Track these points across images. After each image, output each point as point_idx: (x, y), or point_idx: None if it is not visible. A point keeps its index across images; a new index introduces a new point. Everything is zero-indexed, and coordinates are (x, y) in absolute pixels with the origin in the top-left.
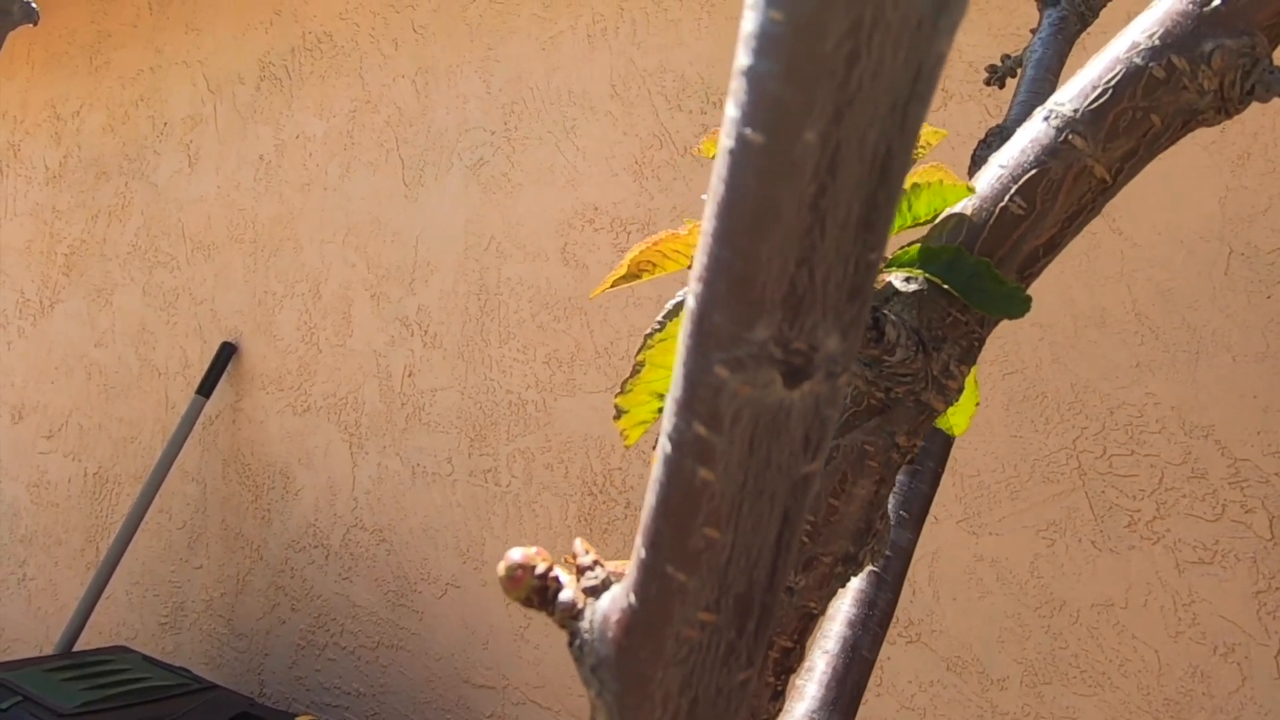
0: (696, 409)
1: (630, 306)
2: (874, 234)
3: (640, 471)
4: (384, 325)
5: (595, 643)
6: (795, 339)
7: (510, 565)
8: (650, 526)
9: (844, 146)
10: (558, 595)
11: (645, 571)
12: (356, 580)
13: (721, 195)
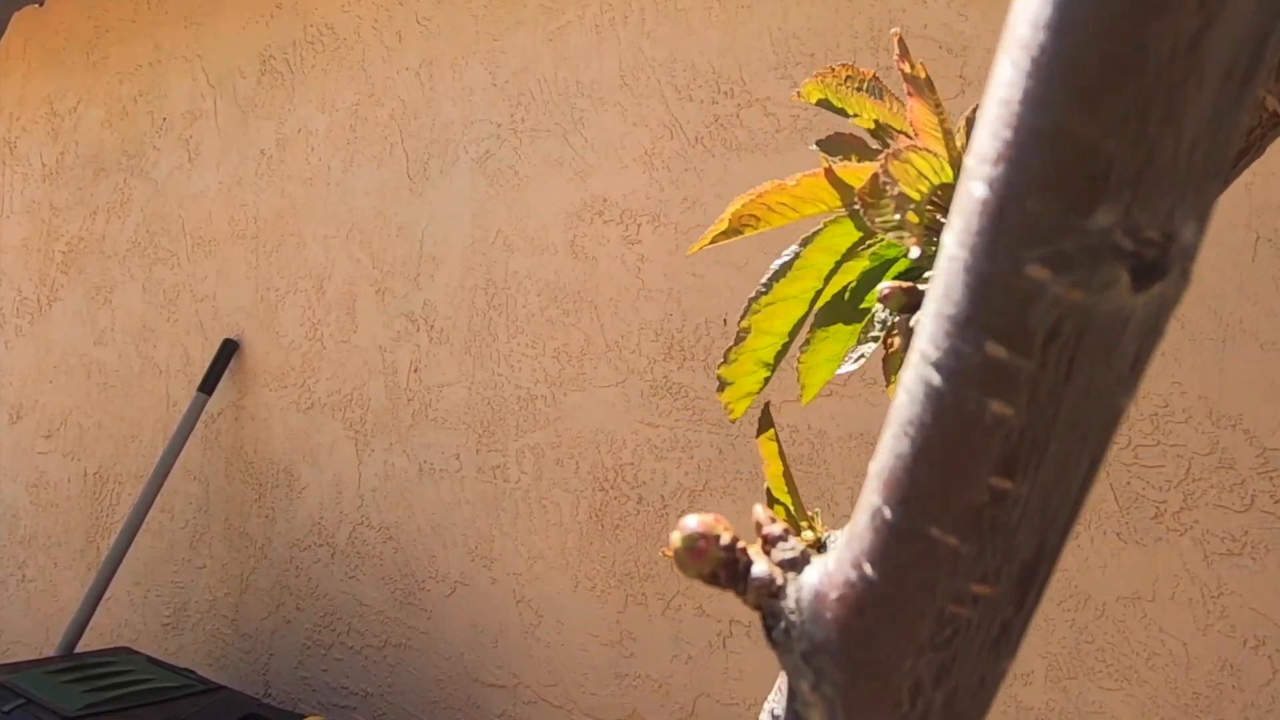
0: (991, 324)
1: (641, 299)
2: (1252, 88)
3: (652, 467)
4: (389, 321)
5: (807, 625)
6: (1147, 226)
7: (690, 536)
8: (900, 479)
9: None
10: (749, 570)
11: (892, 535)
12: (363, 579)
13: (1044, 44)
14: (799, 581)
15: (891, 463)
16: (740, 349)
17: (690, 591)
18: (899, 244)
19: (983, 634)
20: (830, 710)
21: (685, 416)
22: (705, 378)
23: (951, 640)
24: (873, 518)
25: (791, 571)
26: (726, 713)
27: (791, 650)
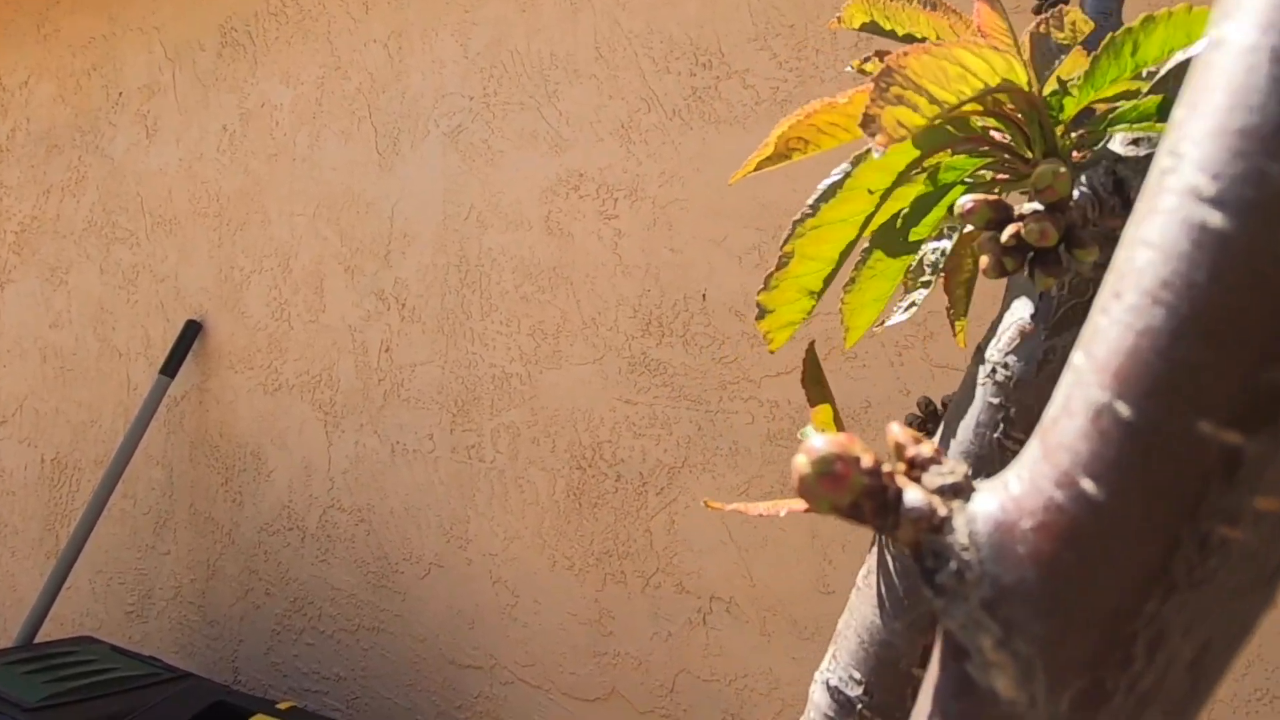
0: None
1: (619, 275)
2: None
3: (631, 445)
4: (359, 299)
5: (988, 565)
6: None
7: (824, 459)
8: (1147, 363)
9: None
10: (900, 499)
11: (1133, 438)
12: (335, 562)
13: None
14: (969, 511)
15: (1132, 343)
16: (782, 275)
17: (669, 569)
18: (959, 167)
19: (1257, 566)
20: (1025, 673)
21: (664, 394)
22: (684, 354)
23: (1215, 574)
24: (1095, 418)
25: (956, 499)
26: (706, 689)
27: (966, 598)
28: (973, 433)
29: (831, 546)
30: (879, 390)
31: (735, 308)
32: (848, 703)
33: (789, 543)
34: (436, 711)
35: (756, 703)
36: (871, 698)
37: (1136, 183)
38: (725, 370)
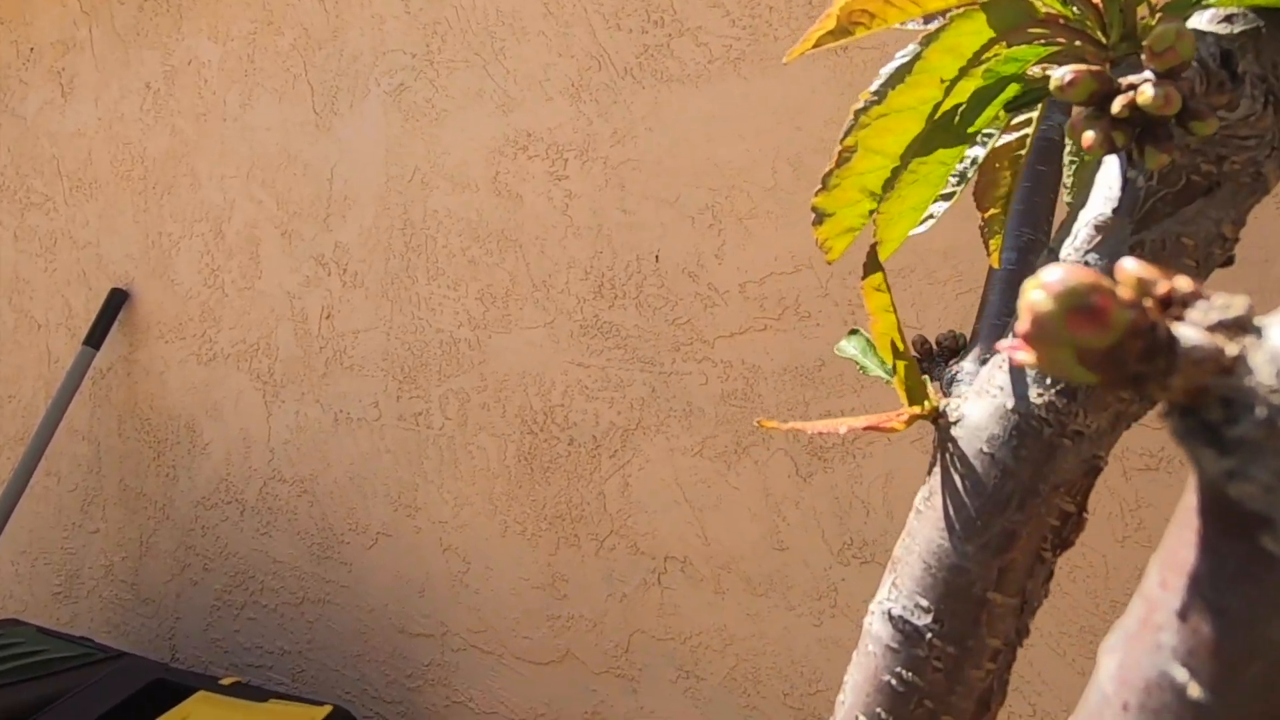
0: None
1: (569, 237)
2: None
3: (583, 408)
4: (297, 265)
5: None
6: None
7: (1073, 290)
8: None
9: None
10: (1173, 338)
11: None
12: (276, 535)
13: None
14: (1269, 347)
15: None
16: (843, 172)
17: (623, 531)
18: (1020, 58)
19: None
20: None
21: (617, 356)
22: (637, 316)
23: None
24: None
25: (1245, 335)
26: (661, 647)
27: (1274, 452)
28: None
29: (785, 504)
30: (831, 348)
31: (688, 268)
32: (915, 632)
33: (742, 502)
34: (386, 681)
35: (711, 659)
36: (942, 625)
37: (1244, 57)
38: (678, 331)
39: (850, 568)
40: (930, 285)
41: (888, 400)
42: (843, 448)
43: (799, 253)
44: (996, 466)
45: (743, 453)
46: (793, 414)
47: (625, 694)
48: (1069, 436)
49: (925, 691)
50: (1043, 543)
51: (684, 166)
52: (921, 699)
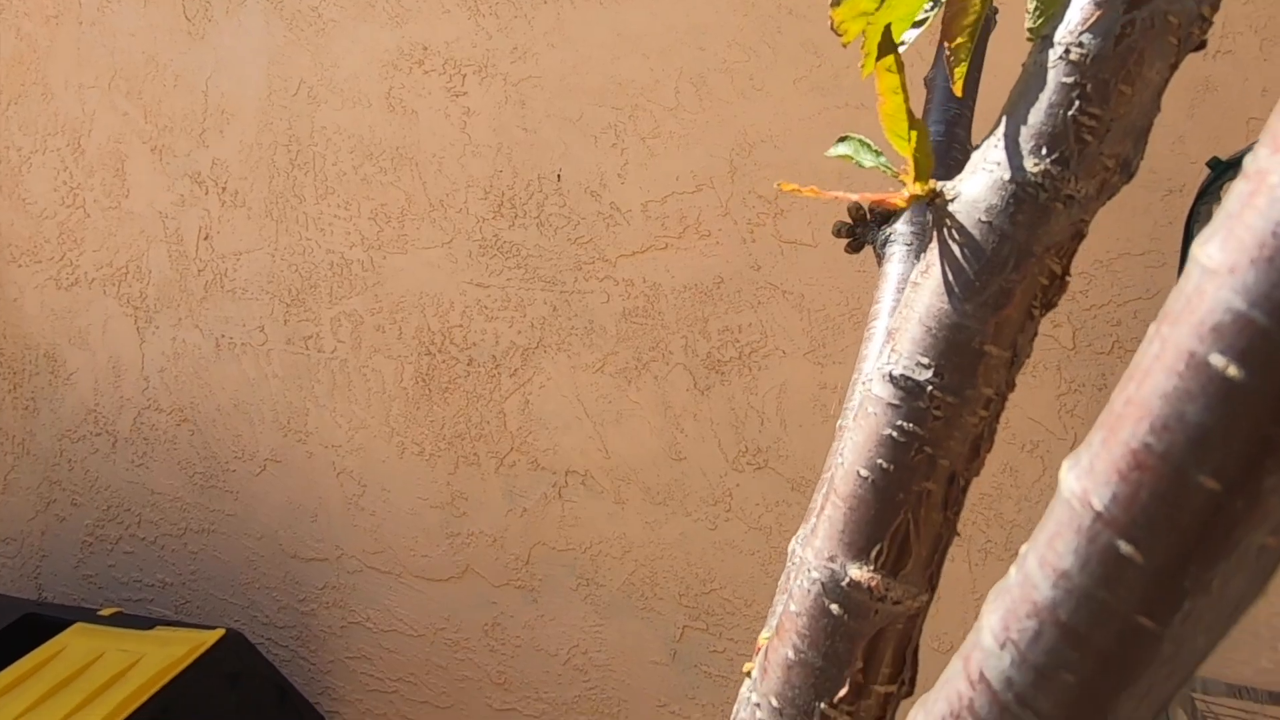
0: None
1: (468, 155)
2: None
3: (483, 328)
4: (170, 183)
5: None
6: None
7: None
8: None
9: None
10: None
11: None
12: (153, 466)
13: None
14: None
15: None
16: None
17: (524, 448)
18: None
19: None
20: None
21: (517, 275)
22: (538, 235)
23: None
24: None
25: None
26: (561, 558)
27: None
28: (1045, 113)
29: (684, 416)
30: (731, 266)
31: (590, 187)
32: (916, 387)
33: (642, 416)
34: (278, 607)
35: (611, 566)
36: (942, 378)
37: None
38: (580, 250)
39: (745, 474)
40: (826, 204)
41: (783, 314)
42: (740, 361)
43: (700, 172)
44: (994, 233)
45: (643, 369)
46: (692, 330)
47: (526, 604)
48: (1061, 200)
49: (925, 439)
50: (1033, 301)
51: (587, 85)
52: (921, 446)
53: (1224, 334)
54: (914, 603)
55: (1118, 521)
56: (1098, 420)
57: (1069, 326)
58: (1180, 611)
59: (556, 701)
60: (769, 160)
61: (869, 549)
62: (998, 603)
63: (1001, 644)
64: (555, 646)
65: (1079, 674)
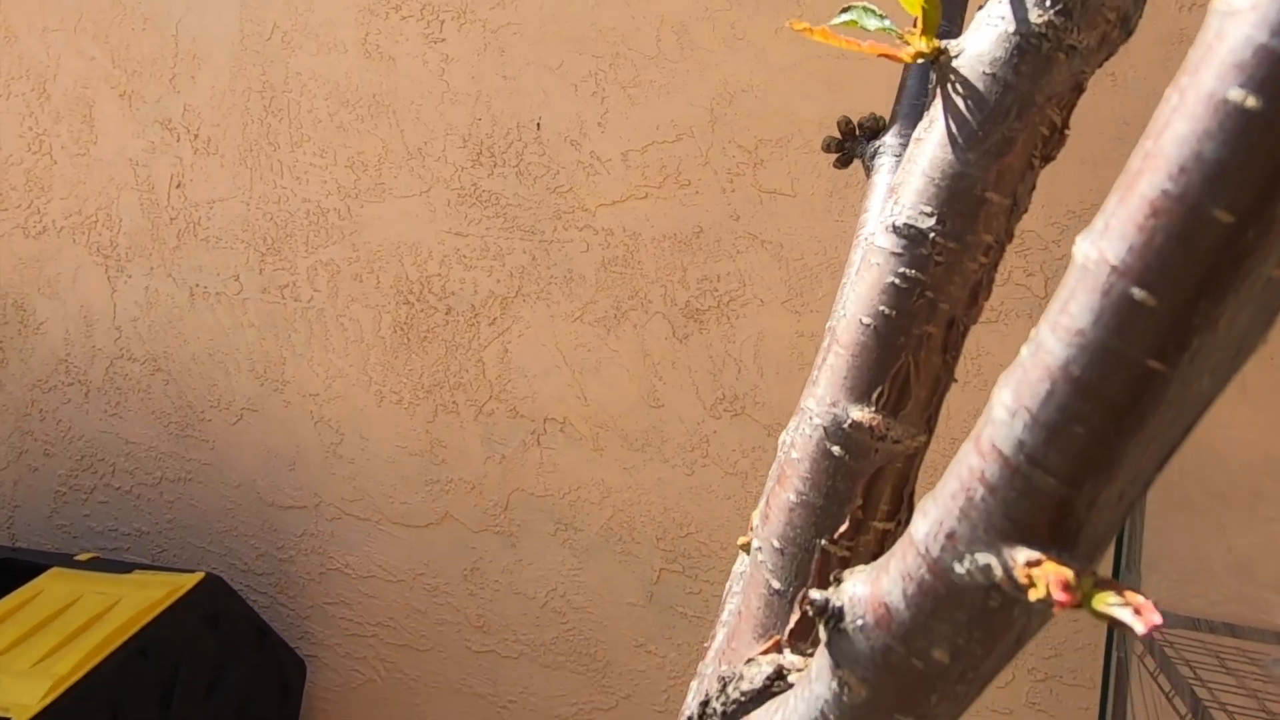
0: None
1: (446, 103)
2: None
3: (461, 277)
4: (140, 130)
5: None
6: None
7: None
8: None
9: None
10: None
11: None
12: (127, 416)
13: None
14: None
15: None
16: None
17: (503, 396)
18: None
19: None
20: None
21: (496, 225)
22: (517, 184)
23: None
24: None
25: None
26: (540, 503)
27: None
28: None
29: (662, 364)
30: (710, 216)
31: (570, 136)
32: (919, 234)
33: (621, 364)
34: (256, 554)
35: (589, 511)
36: (944, 225)
37: None
38: (560, 200)
39: (722, 420)
40: (806, 154)
41: (761, 263)
42: (718, 310)
43: (680, 121)
44: (998, 84)
45: (622, 317)
46: (671, 279)
47: (504, 549)
48: (1064, 51)
49: (926, 284)
50: (1034, 150)
51: (567, 32)
52: (923, 291)
53: (1245, 68)
54: (913, 442)
55: (1133, 270)
56: (1113, 188)
57: (1041, 275)
58: (1188, 351)
59: (534, 643)
60: (750, 110)
61: (870, 392)
62: (1008, 380)
63: (1013, 413)
64: (534, 590)
65: (1089, 424)
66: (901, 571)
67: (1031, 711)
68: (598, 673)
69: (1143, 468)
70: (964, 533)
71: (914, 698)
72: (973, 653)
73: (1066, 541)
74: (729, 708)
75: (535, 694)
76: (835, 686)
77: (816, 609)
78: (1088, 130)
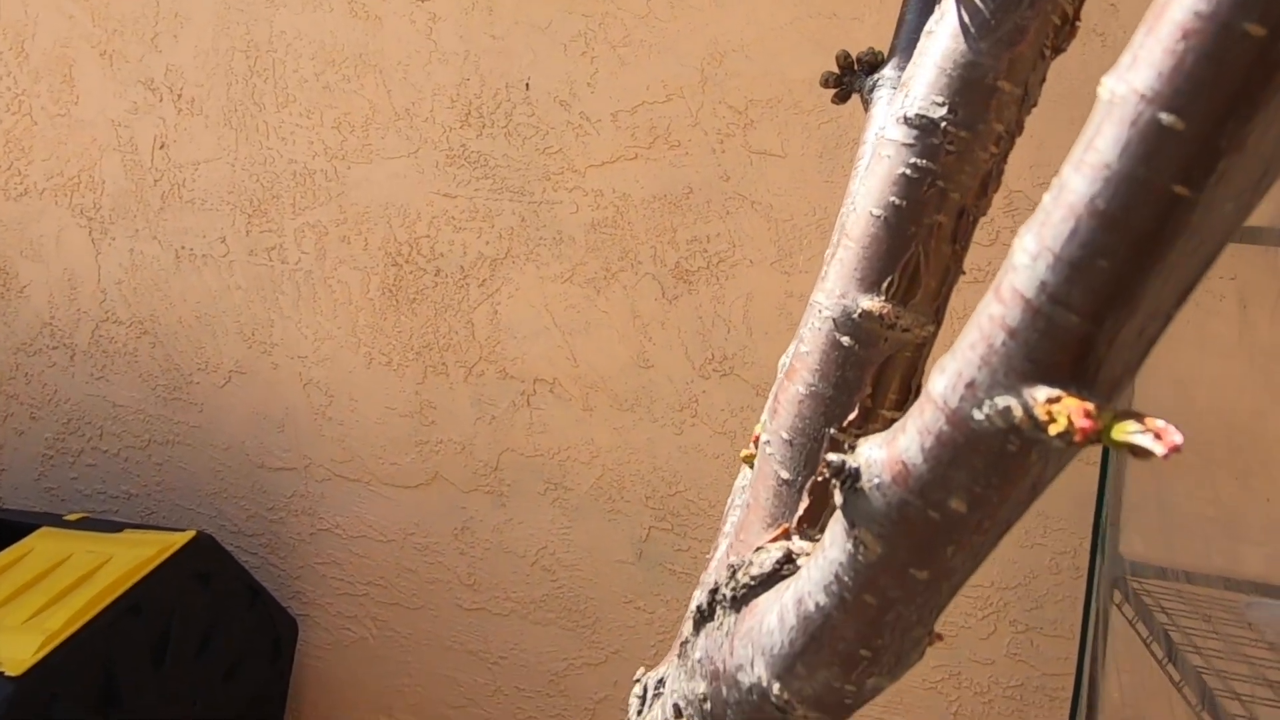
0: None
1: (434, 63)
2: None
3: (451, 239)
4: (122, 90)
5: None
6: None
7: None
8: None
9: None
10: None
11: None
12: (114, 379)
13: None
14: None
15: None
16: None
17: (492, 357)
18: None
19: None
20: None
21: (485, 186)
22: (506, 144)
23: None
24: None
25: None
26: (529, 463)
27: None
28: None
29: (651, 325)
30: (700, 176)
31: (560, 96)
32: (931, 124)
33: (611, 325)
34: (246, 515)
35: (579, 471)
36: (956, 114)
37: None
38: (549, 161)
39: (711, 380)
40: (796, 114)
41: (751, 224)
42: (707, 271)
43: (671, 82)
44: None
45: (612, 278)
46: (661, 240)
47: (495, 508)
48: None
49: (937, 174)
50: (1045, 40)
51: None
52: (934, 180)
53: None
54: (922, 331)
55: (1161, 96)
56: (1139, 25)
57: None
58: (1214, 174)
59: (525, 600)
60: (740, 70)
61: (880, 282)
62: (1028, 228)
63: (1035, 256)
64: (524, 548)
65: (1114, 257)
66: (919, 427)
67: (1013, 661)
68: (587, 628)
69: (1163, 302)
70: (984, 379)
71: (930, 550)
72: (989, 500)
73: (1087, 379)
74: (739, 592)
75: (525, 650)
76: (850, 547)
77: (833, 470)
78: (1076, 91)
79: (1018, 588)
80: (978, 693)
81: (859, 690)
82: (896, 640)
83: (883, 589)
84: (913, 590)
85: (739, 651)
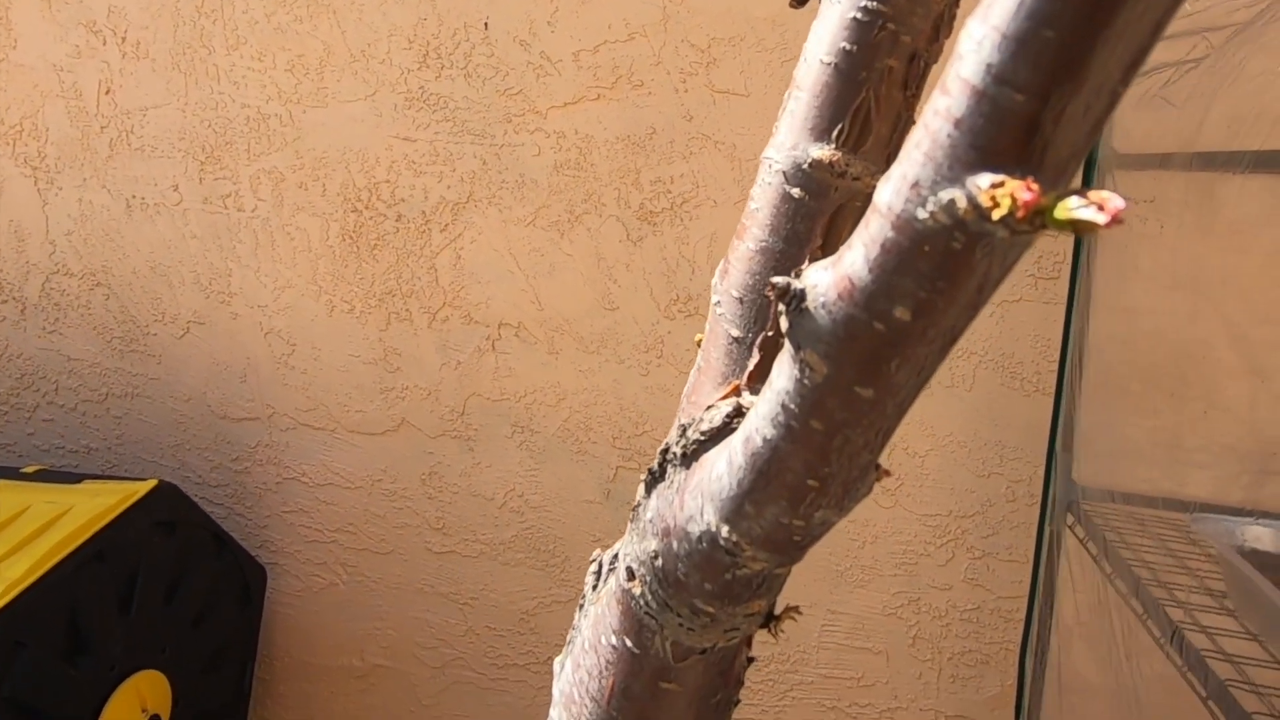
0: None
1: (390, 2)
2: None
3: (411, 183)
4: (63, 33)
5: None
6: None
7: None
8: None
9: None
10: None
11: None
12: (67, 332)
13: None
14: None
15: None
16: None
17: (457, 302)
18: None
19: None
20: None
21: (445, 129)
22: (466, 86)
23: None
24: None
25: None
26: (496, 408)
27: None
28: None
29: (616, 267)
30: (663, 117)
31: (520, 36)
32: None
33: (575, 267)
34: (210, 467)
35: (545, 414)
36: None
37: None
38: (510, 102)
39: (676, 321)
40: (759, 53)
41: (714, 164)
42: (671, 212)
43: (633, 20)
44: None
45: (575, 221)
46: (625, 182)
47: (462, 453)
48: None
49: (889, 16)
50: None
51: None
52: (885, 23)
53: None
54: (873, 180)
55: None
56: None
57: None
58: None
59: (494, 542)
60: (702, 7)
61: (831, 130)
62: (974, 16)
63: (980, 40)
64: (492, 491)
65: (1060, 25)
66: (865, 240)
67: (970, 586)
68: (556, 568)
69: (1109, 75)
70: (928, 176)
71: (874, 365)
72: (934, 305)
73: (1032, 162)
74: (689, 449)
75: (496, 590)
76: (796, 372)
77: (779, 292)
78: None
79: (975, 515)
80: (936, 616)
81: (807, 525)
82: (844, 468)
83: (829, 412)
84: (859, 410)
85: (689, 504)
